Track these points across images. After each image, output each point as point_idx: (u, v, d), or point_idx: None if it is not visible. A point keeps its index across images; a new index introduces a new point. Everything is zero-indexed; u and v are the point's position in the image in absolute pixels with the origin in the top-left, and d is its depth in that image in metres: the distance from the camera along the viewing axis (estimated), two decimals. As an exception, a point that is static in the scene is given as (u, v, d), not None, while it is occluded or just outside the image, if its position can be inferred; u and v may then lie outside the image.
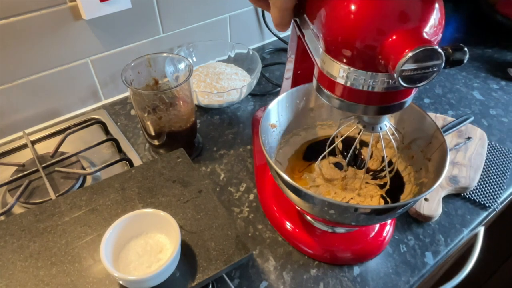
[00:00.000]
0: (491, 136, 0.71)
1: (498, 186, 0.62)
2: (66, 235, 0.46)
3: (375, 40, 0.31)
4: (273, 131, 0.53)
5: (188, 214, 0.48)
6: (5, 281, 0.42)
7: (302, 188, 0.40)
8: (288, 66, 0.58)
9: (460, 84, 0.85)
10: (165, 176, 0.53)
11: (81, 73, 0.73)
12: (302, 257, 0.53)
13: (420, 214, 0.56)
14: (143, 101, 0.58)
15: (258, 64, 0.77)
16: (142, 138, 0.71)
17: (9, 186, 0.59)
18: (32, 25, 0.63)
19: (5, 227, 0.47)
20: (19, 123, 0.71)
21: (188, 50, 0.81)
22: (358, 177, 0.54)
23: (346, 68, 0.34)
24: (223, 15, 0.86)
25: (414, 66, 0.29)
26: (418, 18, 0.31)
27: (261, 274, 0.51)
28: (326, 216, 0.43)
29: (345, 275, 0.51)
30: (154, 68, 0.62)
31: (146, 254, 0.43)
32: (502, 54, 0.94)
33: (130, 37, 0.75)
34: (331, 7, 0.33)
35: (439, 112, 0.77)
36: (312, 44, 0.38)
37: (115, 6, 0.68)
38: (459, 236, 0.56)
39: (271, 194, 0.58)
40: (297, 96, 0.54)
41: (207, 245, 0.45)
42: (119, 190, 0.51)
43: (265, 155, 0.44)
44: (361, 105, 0.37)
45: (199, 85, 0.76)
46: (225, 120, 0.75)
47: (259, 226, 0.57)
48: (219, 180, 0.64)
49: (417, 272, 0.51)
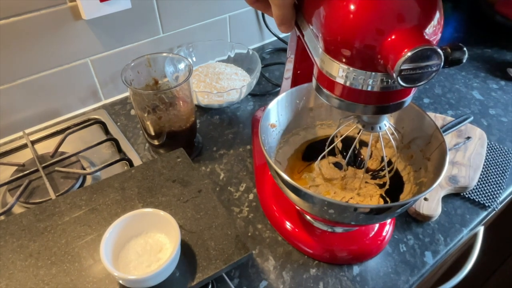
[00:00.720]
0: (490, 136, 0.71)
1: (498, 185, 0.62)
2: (66, 235, 0.46)
3: (374, 40, 0.31)
4: (273, 131, 0.53)
5: (188, 214, 0.48)
6: (5, 280, 0.42)
7: (302, 188, 0.40)
8: (287, 66, 0.58)
9: (460, 84, 0.85)
10: (165, 176, 0.53)
11: (81, 73, 0.73)
12: (302, 256, 0.53)
13: (420, 213, 0.56)
14: (143, 101, 0.58)
15: (257, 64, 0.77)
16: (142, 138, 0.71)
17: (9, 186, 0.59)
18: (32, 25, 0.63)
19: (5, 226, 0.47)
20: (19, 123, 0.71)
21: (188, 50, 0.81)
22: (358, 177, 0.54)
23: (345, 67, 0.34)
24: (223, 15, 0.86)
25: (413, 66, 0.29)
26: (417, 18, 0.31)
27: (261, 274, 0.51)
28: (325, 215, 0.43)
29: (344, 274, 0.51)
30: (154, 68, 0.62)
31: (146, 254, 0.43)
32: (502, 54, 0.94)
33: (130, 37, 0.75)
34: (331, 6, 0.33)
35: (439, 112, 0.77)
36: (312, 44, 0.38)
37: (115, 6, 0.68)
38: (459, 236, 0.56)
39: (270, 193, 0.58)
40: (297, 96, 0.54)
41: (207, 245, 0.45)
42: (119, 190, 0.51)
43: (265, 155, 0.44)
44: (360, 104, 0.37)
45: (199, 85, 0.76)
46: (225, 120, 0.75)
47: (259, 225, 0.57)
48: (219, 180, 0.64)
49: (417, 271, 0.52)
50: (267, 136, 0.51)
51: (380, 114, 0.40)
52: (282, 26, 0.40)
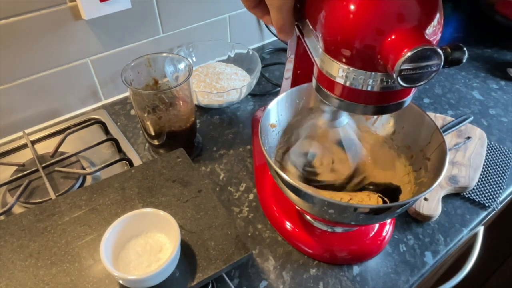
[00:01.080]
0: (490, 136, 0.71)
1: (498, 185, 0.62)
2: (66, 235, 0.46)
3: (374, 40, 0.31)
4: (273, 131, 0.53)
5: (188, 214, 0.48)
6: (5, 280, 0.42)
7: (302, 188, 0.40)
8: (287, 66, 0.58)
9: (460, 84, 0.85)
10: (165, 176, 0.53)
11: (81, 73, 0.73)
12: (302, 256, 0.53)
13: (420, 213, 0.56)
14: (143, 101, 0.58)
15: (257, 64, 0.77)
16: (142, 138, 0.71)
17: (9, 186, 0.59)
18: (32, 25, 0.63)
19: (5, 226, 0.47)
20: (19, 123, 0.71)
21: (188, 50, 0.81)
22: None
23: (345, 67, 0.34)
24: (223, 15, 0.86)
25: (413, 66, 0.29)
26: (417, 18, 0.31)
27: (261, 274, 0.51)
28: (325, 215, 0.43)
29: (344, 274, 0.51)
30: (154, 68, 0.62)
31: (146, 254, 0.43)
32: (502, 54, 0.94)
33: (130, 37, 0.75)
34: (331, 6, 0.33)
35: (439, 112, 0.77)
36: (312, 43, 0.38)
37: (115, 6, 0.68)
38: (459, 236, 0.56)
39: (270, 193, 0.58)
40: (297, 96, 0.54)
41: (207, 245, 0.45)
42: (119, 190, 0.51)
43: (265, 155, 0.44)
44: (360, 104, 0.37)
45: (199, 85, 0.76)
46: (225, 120, 0.75)
47: (259, 225, 0.57)
48: (218, 180, 0.64)
49: (417, 271, 0.52)
50: (267, 136, 0.51)
51: (380, 114, 0.40)
52: (282, 33, 0.39)
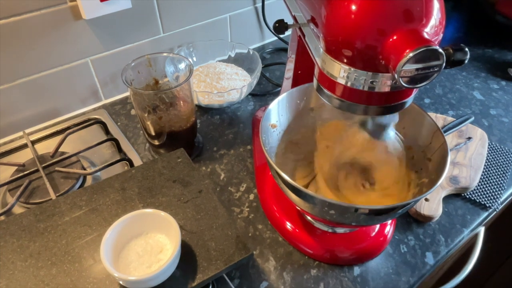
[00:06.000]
0: (491, 136, 0.71)
1: (499, 186, 0.62)
2: (66, 235, 0.46)
3: (376, 40, 0.31)
4: (274, 131, 0.53)
5: (188, 214, 0.48)
6: (5, 281, 0.42)
7: (302, 188, 0.40)
8: (288, 66, 0.58)
9: (461, 84, 0.85)
10: (165, 176, 0.53)
11: (81, 73, 0.73)
12: (303, 257, 0.53)
13: (421, 214, 0.56)
14: (143, 101, 0.58)
15: (258, 64, 0.77)
16: (142, 138, 0.71)
17: (9, 186, 0.59)
18: (32, 25, 0.63)
19: (5, 227, 0.47)
20: (19, 123, 0.71)
21: (188, 50, 0.81)
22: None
23: (346, 68, 0.34)
24: (223, 15, 0.86)
25: (415, 66, 0.29)
26: (419, 18, 0.31)
27: (261, 274, 0.51)
28: (326, 216, 0.43)
29: (345, 275, 0.51)
30: (154, 68, 0.62)
31: (146, 254, 0.43)
32: (503, 54, 0.94)
33: (130, 37, 0.75)
34: (332, 6, 0.33)
35: (440, 112, 0.77)
36: (313, 44, 0.38)
37: (115, 6, 0.68)
38: (460, 236, 0.56)
39: (271, 194, 0.58)
40: (298, 96, 0.54)
41: (207, 245, 0.45)
42: (119, 190, 0.51)
43: (266, 155, 0.44)
44: (361, 105, 0.37)
45: (199, 85, 0.76)
46: (225, 120, 0.75)
47: (259, 226, 0.57)
48: (219, 180, 0.64)
49: (417, 272, 0.51)
50: (267, 136, 0.51)
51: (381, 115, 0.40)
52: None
